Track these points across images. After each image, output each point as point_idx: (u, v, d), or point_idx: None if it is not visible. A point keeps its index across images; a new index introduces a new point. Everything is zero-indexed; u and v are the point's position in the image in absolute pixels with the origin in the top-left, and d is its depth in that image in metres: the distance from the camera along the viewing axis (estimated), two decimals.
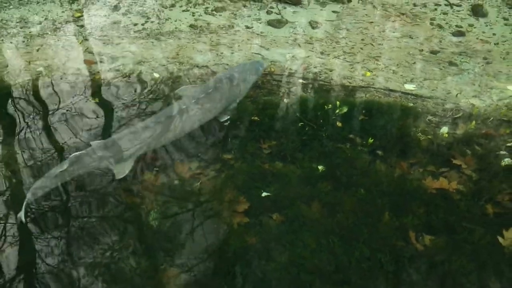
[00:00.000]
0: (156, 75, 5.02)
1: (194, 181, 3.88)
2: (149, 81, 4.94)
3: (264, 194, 3.75)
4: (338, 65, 5.25)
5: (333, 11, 6.23)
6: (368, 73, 5.02)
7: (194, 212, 3.69)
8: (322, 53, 5.43)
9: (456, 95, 4.75)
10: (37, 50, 5.40)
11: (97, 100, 4.69)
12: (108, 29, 5.78)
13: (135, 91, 4.82)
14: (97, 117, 4.49)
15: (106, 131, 4.33)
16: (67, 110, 4.54)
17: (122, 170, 3.89)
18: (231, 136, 4.34)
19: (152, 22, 5.92)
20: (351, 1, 6.46)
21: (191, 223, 3.61)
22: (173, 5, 6.25)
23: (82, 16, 6.06)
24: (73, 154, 3.82)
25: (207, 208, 3.70)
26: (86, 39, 5.60)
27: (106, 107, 4.61)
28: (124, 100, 4.69)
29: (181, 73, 5.06)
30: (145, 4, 6.27)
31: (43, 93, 4.82)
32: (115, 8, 6.19)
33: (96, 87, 4.87)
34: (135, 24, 5.87)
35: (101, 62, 5.22)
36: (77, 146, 4.14)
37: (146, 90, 4.83)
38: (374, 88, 4.93)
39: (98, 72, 5.07)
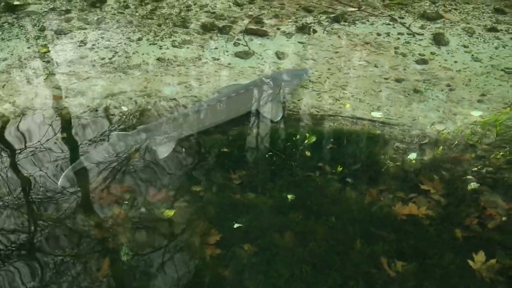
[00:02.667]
0: (124, 108, 5.00)
1: (164, 214, 3.85)
2: (117, 115, 4.92)
3: (235, 225, 3.74)
4: (306, 94, 5.31)
5: (299, 42, 6.32)
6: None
7: (166, 245, 3.65)
8: None
9: (431, 124, 4.83)
10: (3, 87, 5.35)
11: (65, 135, 4.65)
12: (75, 64, 5.76)
13: (103, 125, 4.79)
14: (65, 152, 4.44)
15: (76, 164, 4.28)
16: (34, 146, 4.49)
17: (165, 151, 4.43)
18: (201, 168, 4.33)
19: (119, 56, 5.92)
20: (316, 31, 6.57)
21: (163, 257, 3.57)
22: (140, 39, 6.27)
23: (48, 51, 6.03)
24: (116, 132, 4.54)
25: (178, 240, 3.67)
26: (53, 74, 5.57)
27: (74, 142, 4.57)
28: (92, 134, 4.65)
29: (149, 105, 5.05)
30: (112, 38, 6.28)
31: (10, 129, 4.75)
32: (82, 43, 6.18)
33: (63, 122, 4.82)
34: (102, 58, 5.86)
35: (68, 97, 5.19)
36: (44, 182, 4.09)
37: (114, 124, 4.80)
38: (342, 116, 4.99)
39: (66, 107, 5.03)
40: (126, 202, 3.95)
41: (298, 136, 4.63)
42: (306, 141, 4.53)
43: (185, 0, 7.34)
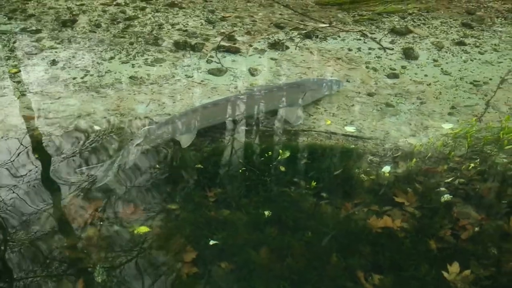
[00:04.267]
0: (97, 127, 4.97)
1: (139, 232, 3.81)
2: (90, 134, 4.88)
3: (211, 242, 3.72)
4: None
5: (272, 58, 6.37)
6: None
7: (141, 264, 3.61)
8: None
9: (404, 137, 4.88)
10: None
11: (37, 155, 4.59)
12: (47, 84, 5.71)
13: (76, 144, 4.74)
14: (37, 172, 4.38)
15: (47, 186, 4.23)
16: (6, 167, 4.42)
17: (187, 140, 4.72)
18: (175, 185, 4.31)
19: (91, 75, 5.89)
20: (288, 48, 6.62)
21: (138, 276, 3.53)
22: (112, 58, 6.25)
23: (19, 72, 5.97)
24: (144, 128, 4.83)
25: (154, 259, 3.64)
26: (24, 95, 5.51)
27: (47, 162, 4.52)
28: (64, 154, 4.61)
29: (123, 124, 5.03)
30: (83, 57, 6.25)
31: None
32: (53, 62, 6.13)
33: (36, 143, 4.77)
34: (74, 78, 5.83)
35: (40, 117, 5.13)
36: (15, 204, 4.03)
37: (87, 143, 4.76)
38: (316, 131, 5.03)
39: (38, 127, 4.97)
40: (100, 221, 3.90)
41: (272, 152, 4.64)
42: (280, 157, 4.55)
43: (157, 18, 7.36)
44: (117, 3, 7.83)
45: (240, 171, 4.46)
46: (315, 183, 4.22)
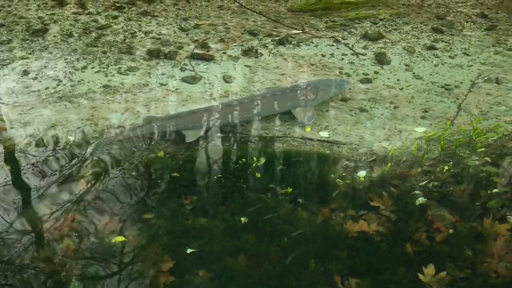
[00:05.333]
0: (71, 138, 4.92)
1: (115, 242, 3.78)
2: (64, 144, 4.83)
3: (189, 250, 3.71)
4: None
5: (246, 65, 6.38)
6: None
7: (118, 275, 3.58)
8: None
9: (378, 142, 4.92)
10: None
11: (10, 167, 4.53)
12: (19, 94, 5.63)
13: (50, 155, 4.69)
14: (10, 184, 4.32)
15: (22, 197, 4.17)
16: None
17: (192, 136, 4.89)
18: (152, 194, 4.28)
19: (64, 85, 5.83)
20: (262, 54, 6.64)
21: (115, 287, 3.51)
22: (85, 67, 6.20)
23: None
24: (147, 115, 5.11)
25: (131, 269, 3.61)
26: None
27: (20, 173, 4.46)
28: (38, 165, 4.55)
29: (97, 134, 4.99)
30: (56, 67, 6.19)
31: None
32: (25, 73, 6.05)
33: (8, 154, 4.70)
34: (47, 88, 5.76)
35: (13, 128, 5.06)
36: None
37: (61, 154, 4.71)
38: (291, 137, 5.05)
39: (10, 138, 4.91)
40: (76, 233, 3.86)
41: (248, 158, 4.65)
42: (256, 163, 4.56)
43: (130, 27, 7.33)
44: (89, 12, 7.77)
45: (216, 178, 4.45)
46: (291, 189, 4.23)
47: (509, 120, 5.29)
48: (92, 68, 6.20)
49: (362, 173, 4.49)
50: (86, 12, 7.79)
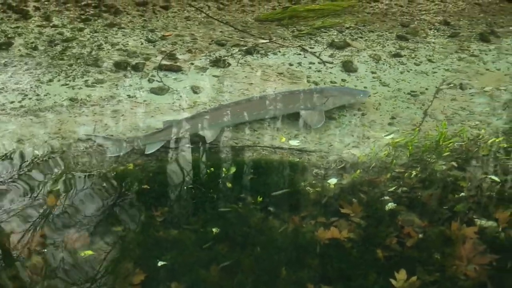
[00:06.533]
0: (37, 152, 4.84)
1: (85, 256, 3.73)
2: (30, 159, 4.75)
3: (160, 263, 3.68)
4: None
5: (214, 75, 6.38)
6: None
7: None
8: None
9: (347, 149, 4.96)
10: None
11: None
12: None
13: (16, 170, 4.61)
14: None
15: None
16: None
17: (211, 135, 5.03)
18: (121, 207, 4.25)
19: (30, 98, 5.73)
20: (230, 64, 6.66)
21: None
22: (51, 80, 6.11)
23: None
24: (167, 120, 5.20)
25: (102, 284, 3.56)
26: None
27: None
28: (3, 181, 4.47)
29: (64, 147, 4.93)
30: (21, 81, 6.09)
31: None
32: None
33: None
34: (12, 102, 5.66)
35: None
36: None
37: (27, 169, 4.63)
38: (261, 146, 5.06)
39: None
40: (44, 249, 3.80)
41: (218, 168, 4.64)
42: (226, 173, 4.55)
43: (96, 39, 7.27)
44: (54, 25, 7.68)
45: (187, 189, 4.44)
46: (261, 198, 4.23)
47: (474, 125, 5.39)
48: (58, 81, 6.12)
49: (332, 181, 4.52)
50: (51, 24, 7.70)
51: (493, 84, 6.26)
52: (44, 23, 7.74)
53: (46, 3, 8.38)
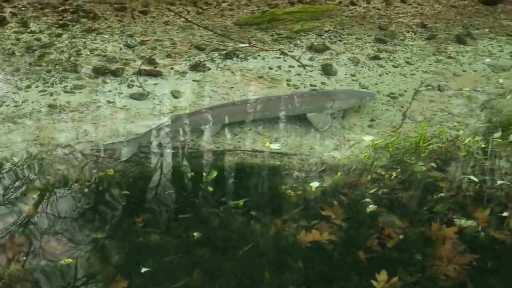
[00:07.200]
0: (16, 159, 4.80)
1: (66, 263, 3.70)
2: (9, 167, 4.70)
3: (143, 269, 3.66)
4: (206, 131, 5.33)
5: (194, 80, 6.37)
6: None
7: None
8: None
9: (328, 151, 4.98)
10: None
11: None
12: None
13: None
14: None
15: None
16: None
17: (213, 130, 5.23)
18: (102, 214, 4.22)
19: (7, 105, 5.67)
20: (210, 69, 6.65)
21: None
22: (29, 87, 6.06)
23: None
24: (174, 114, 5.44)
25: None
26: None
27: None
28: None
29: (44, 154, 4.88)
30: None
31: None
32: None
33: None
34: None
35: None
36: None
37: (5, 177, 4.58)
38: (241, 150, 5.06)
39: None
40: (24, 257, 3.75)
41: (199, 172, 4.63)
42: (207, 177, 4.55)
43: (74, 44, 7.21)
44: (31, 31, 7.61)
45: (168, 194, 4.43)
46: (242, 202, 4.24)
47: (452, 126, 5.45)
48: (37, 87, 6.06)
49: (314, 184, 4.53)
50: (29, 30, 7.62)
51: (470, 85, 6.35)
52: (21, 29, 7.67)
53: (23, 9, 8.30)
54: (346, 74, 6.63)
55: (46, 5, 8.45)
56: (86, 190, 4.47)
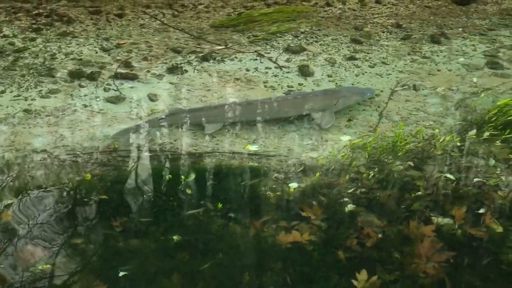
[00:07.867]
0: None
1: (42, 269, 3.65)
2: None
3: (121, 273, 3.63)
4: (183, 133, 5.32)
5: (171, 83, 6.35)
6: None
7: None
8: None
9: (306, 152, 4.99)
10: None
11: None
12: None
13: None
14: None
15: None
16: None
17: (211, 128, 5.32)
18: (79, 219, 4.18)
19: None
20: (187, 71, 6.63)
21: None
22: (3, 92, 5.98)
23: None
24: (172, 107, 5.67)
25: None
26: None
27: None
28: None
29: (19, 160, 4.82)
30: None
31: None
32: None
33: None
34: None
35: None
36: None
37: None
38: (219, 152, 5.05)
39: None
40: (1, 265, 3.70)
41: (178, 175, 4.61)
42: (186, 180, 4.53)
43: (49, 48, 7.14)
44: (4, 35, 7.51)
45: (146, 197, 4.40)
46: (221, 204, 4.23)
47: (428, 125, 5.51)
48: (11, 92, 5.99)
49: (293, 184, 4.54)
50: (1, 35, 7.53)
51: (445, 85, 6.41)
52: None
53: None
54: (322, 75, 6.65)
55: (20, 9, 8.36)
56: (63, 195, 4.43)
